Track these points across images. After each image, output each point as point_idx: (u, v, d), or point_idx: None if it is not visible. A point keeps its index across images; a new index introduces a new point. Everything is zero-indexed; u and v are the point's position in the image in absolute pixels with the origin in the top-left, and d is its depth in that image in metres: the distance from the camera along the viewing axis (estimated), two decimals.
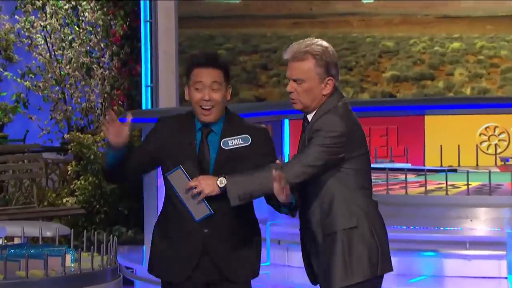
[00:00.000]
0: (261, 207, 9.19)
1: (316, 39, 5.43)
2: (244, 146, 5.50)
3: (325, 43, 5.37)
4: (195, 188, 5.32)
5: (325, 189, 5.31)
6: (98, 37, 13.12)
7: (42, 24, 13.26)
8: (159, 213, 5.64)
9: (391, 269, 5.29)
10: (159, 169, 5.72)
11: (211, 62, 5.52)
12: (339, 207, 5.28)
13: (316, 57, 5.34)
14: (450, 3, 12.55)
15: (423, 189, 9.08)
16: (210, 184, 5.31)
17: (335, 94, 5.36)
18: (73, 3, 13.22)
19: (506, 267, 7.70)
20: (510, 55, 12.42)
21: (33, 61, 13.36)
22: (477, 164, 11.51)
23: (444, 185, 8.94)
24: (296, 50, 5.40)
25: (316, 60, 5.34)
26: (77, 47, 13.15)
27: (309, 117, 5.41)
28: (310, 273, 5.46)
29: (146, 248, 9.93)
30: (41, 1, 13.26)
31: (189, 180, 5.35)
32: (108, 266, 5.54)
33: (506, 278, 7.65)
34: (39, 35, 13.27)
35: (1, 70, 13.26)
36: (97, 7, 13.14)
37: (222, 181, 5.32)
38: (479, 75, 12.38)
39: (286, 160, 10.26)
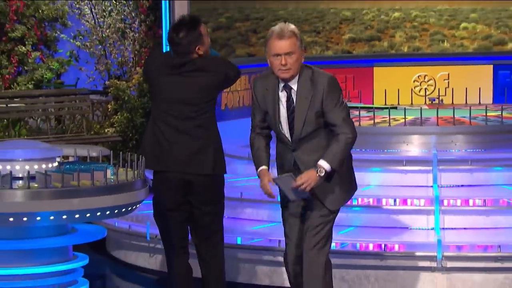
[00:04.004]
0: None
1: (288, 24, 5.12)
2: None
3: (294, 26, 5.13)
4: (302, 185, 5.07)
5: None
6: (130, 8, 13.05)
7: None
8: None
9: None
10: None
11: None
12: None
13: (297, 35, 5.10)
14: None
15: (372, 121, 9.11)
16: (314, 178, 5.07)
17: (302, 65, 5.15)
18: None
19: (432, 179, 7.75)
20: (437, 22, 12.38)
21: (82, 26, 13.30)
22: (411, 103, 11.53)
23: (388, 118, 8.97)
24: (283, 30, 5.05)
25: (297, 38, 5.10)
26: (115, 15, 13.08)
27: (292, 84, 5.13)
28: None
29: None
30: None
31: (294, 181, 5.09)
32: (138, 178, 5.56)
33: (432, 186, 7.71)
34: (86, 7, 13.20)
35: (59, 33, 13.21)
36: None
37: (321, 171, 5.08)
38: (414, 37, 12.35)
39: None
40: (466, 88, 10.82)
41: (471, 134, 8.38)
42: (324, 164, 5.09)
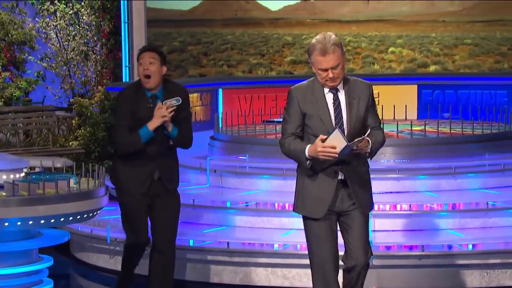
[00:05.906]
0: (202, 146, 9.20)
1: (329, 33, 4.79)
2: (177, 105, 5.62)
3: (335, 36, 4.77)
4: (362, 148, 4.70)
5: None
6: (92, 33, 12.96)
7: (54, 24, 13.08)
8: None
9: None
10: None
11: (148, 48, 5.80)
12: None
13: (339, 46, 4.76)
14: (330, 12, 12.58)
15: None
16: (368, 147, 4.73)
17: None
18: (75, 9, 13.05)
19: None
20: (367, 47, 12.52)
21: (48, 49, 13.19)
22: None
23: None
24: (325, 46, 4.70)
25: (340, 47, 4.75)
26: (78, 39, 12.98)
27: (338, 87, 4.77)
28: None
29: None
30: (53, 8, 13.08)
31: (345, 139, 4.66)
32: (99, 186, 5.52)
33: None
34: (52, 32, 13.09)
35: (27, 55, 13.09)
36: (91, 12, 12.98)
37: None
38: (348, 59, 12.46)
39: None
40: (394, 105, 10.93)
41: (398, 146, 8.45)
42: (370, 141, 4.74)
